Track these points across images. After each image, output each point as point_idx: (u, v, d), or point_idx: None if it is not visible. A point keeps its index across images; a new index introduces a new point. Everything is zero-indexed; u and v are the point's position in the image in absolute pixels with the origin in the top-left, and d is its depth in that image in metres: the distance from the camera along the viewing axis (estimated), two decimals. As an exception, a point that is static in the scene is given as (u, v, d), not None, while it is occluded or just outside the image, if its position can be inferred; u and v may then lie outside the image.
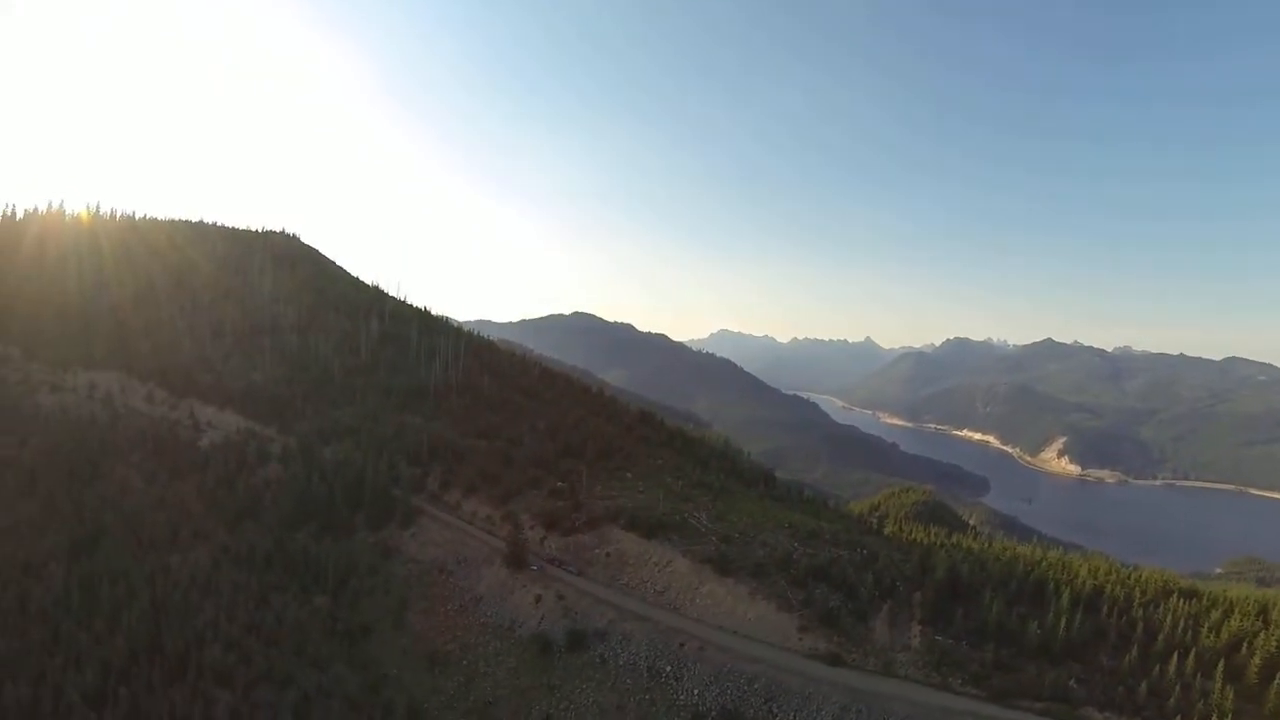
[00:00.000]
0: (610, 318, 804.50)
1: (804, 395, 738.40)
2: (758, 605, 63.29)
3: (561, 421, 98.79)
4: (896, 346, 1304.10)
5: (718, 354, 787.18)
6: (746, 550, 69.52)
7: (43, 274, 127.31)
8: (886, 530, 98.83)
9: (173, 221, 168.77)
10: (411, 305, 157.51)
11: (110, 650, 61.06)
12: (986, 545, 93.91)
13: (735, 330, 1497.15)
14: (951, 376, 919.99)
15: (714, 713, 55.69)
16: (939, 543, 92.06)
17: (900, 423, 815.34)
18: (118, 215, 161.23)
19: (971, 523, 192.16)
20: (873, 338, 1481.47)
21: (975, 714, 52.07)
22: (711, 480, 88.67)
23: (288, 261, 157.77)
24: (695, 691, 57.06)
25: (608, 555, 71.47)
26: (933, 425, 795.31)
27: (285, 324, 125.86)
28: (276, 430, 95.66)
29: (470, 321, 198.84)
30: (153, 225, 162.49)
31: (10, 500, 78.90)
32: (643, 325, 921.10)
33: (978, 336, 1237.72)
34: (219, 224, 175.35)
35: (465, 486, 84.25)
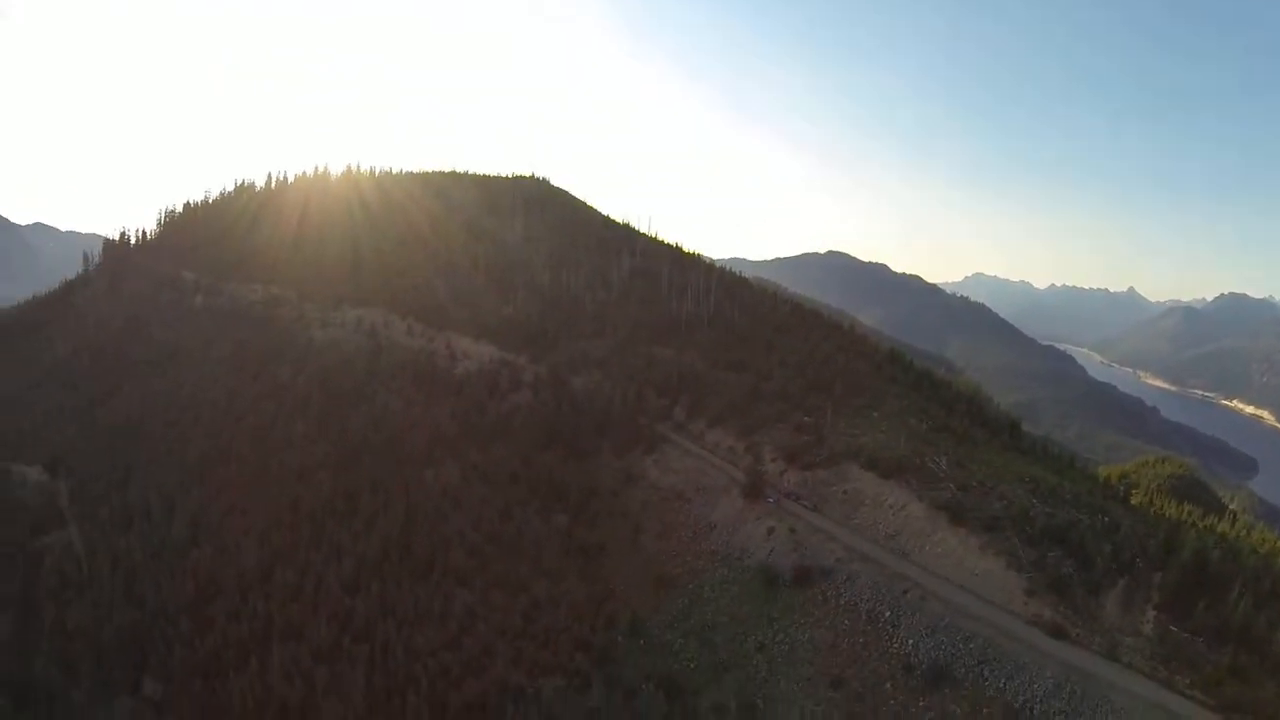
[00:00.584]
0: (865, 258, 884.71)
1: (1060, 347, 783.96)
2: (986, 560, 67.16)
3: (810, 357, 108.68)
4: (1163, 299, 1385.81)
5: (972, 298, 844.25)
6: (983, 501, 73.74)
7: (312, 226, 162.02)
8: (1134, 501, 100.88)
9: (428, 173, 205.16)
10: (663, 242, 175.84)
11: (366, 548, 78.40)
12: (1244, 534, 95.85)
13: (991, 274, 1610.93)
14: (1224, 337, 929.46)
15: (924, 666, 60.51)
16: (1190, 522, 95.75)
17: (1162, 385, 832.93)
18: (376, 171, 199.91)
19: (1232, 507, 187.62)
20: (1136, 288, 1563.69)
21: (1197, 723, 53.56)
22: (955, 425, 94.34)
23: (538, 203, 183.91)
24: (910, 642, 62.64)
25: (844, 493, 78.83)
26: (1199, 391, 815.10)
27: (537, 262, 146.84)
28: (528, 360, 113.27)
29: (724, 259, 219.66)
30: (409, 177, 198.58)
31: (288, 419, 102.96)
32: (898, 266, 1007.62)
33: (1257, 293, 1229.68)
34: (471, 173, 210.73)
35: (711, 417, 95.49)
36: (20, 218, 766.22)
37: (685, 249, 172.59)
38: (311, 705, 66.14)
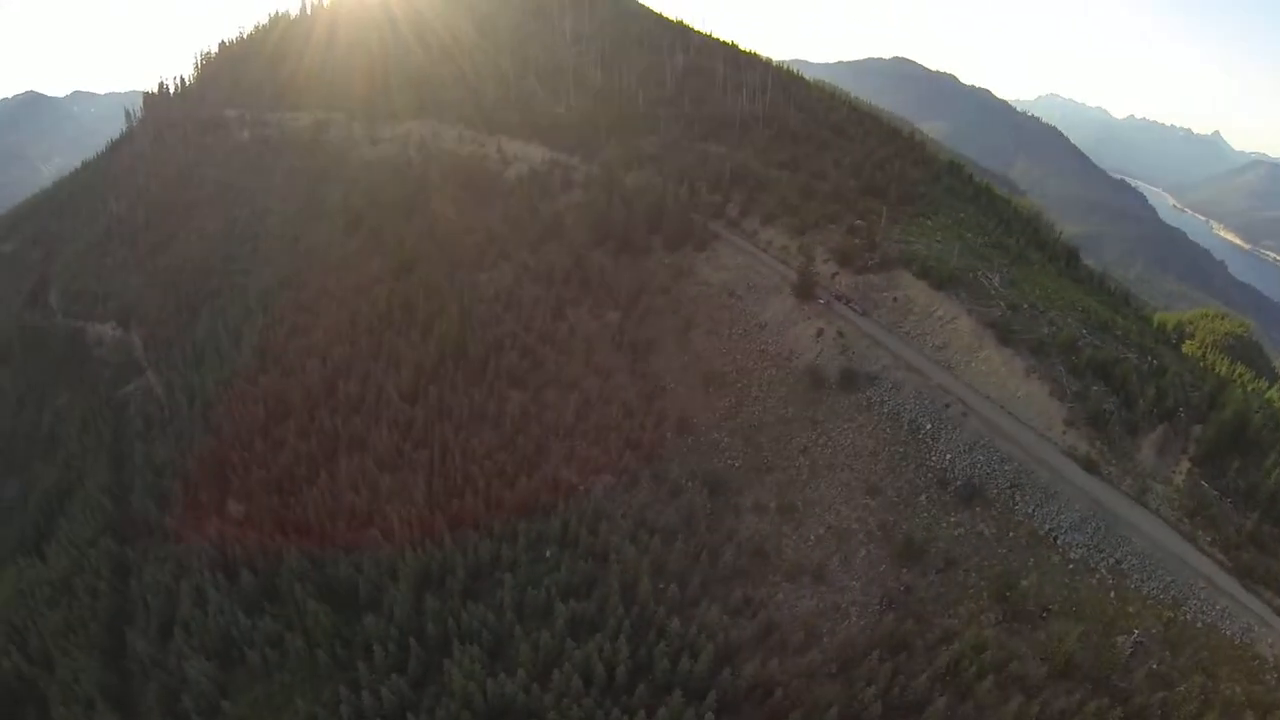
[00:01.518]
0: (934, 66, 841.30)
1: (1131, 183, 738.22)
2: (1030, 384, 67.91)
3: (866, 160, 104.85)
4: (1249, 150, 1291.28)
5: (1044, 119, 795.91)
6: (1032, 324, 73.52)
7: (354, 47, 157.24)
8: (1185, 350, 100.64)
9: None
10: (718, 40, 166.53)
11: (423, 355, 78.20)
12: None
13: (1066, 96, 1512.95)
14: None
15: (959, 482, 62.31)
16: (1239, 382, 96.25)
17: (1235, 240, 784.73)
18: None
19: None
20: (1222, 133, 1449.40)
21: (1210, 580, 54.84)
22: (1011, 244, 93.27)
23: (586, 4, 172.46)
24: (948, 456, 64.23)
25: (894, 300, 78.01)
26: (1272, 255, 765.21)
27: (587, 61, 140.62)
28: (580, 160, 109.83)
29: (784, 61, 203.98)
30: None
31: (342, 238, 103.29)
32: (966, 77, 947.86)
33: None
34: None
35: (763, 215, 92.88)
36: (57, 90, 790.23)
37: (741, 48, 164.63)
38: (377, 510, 68.35)
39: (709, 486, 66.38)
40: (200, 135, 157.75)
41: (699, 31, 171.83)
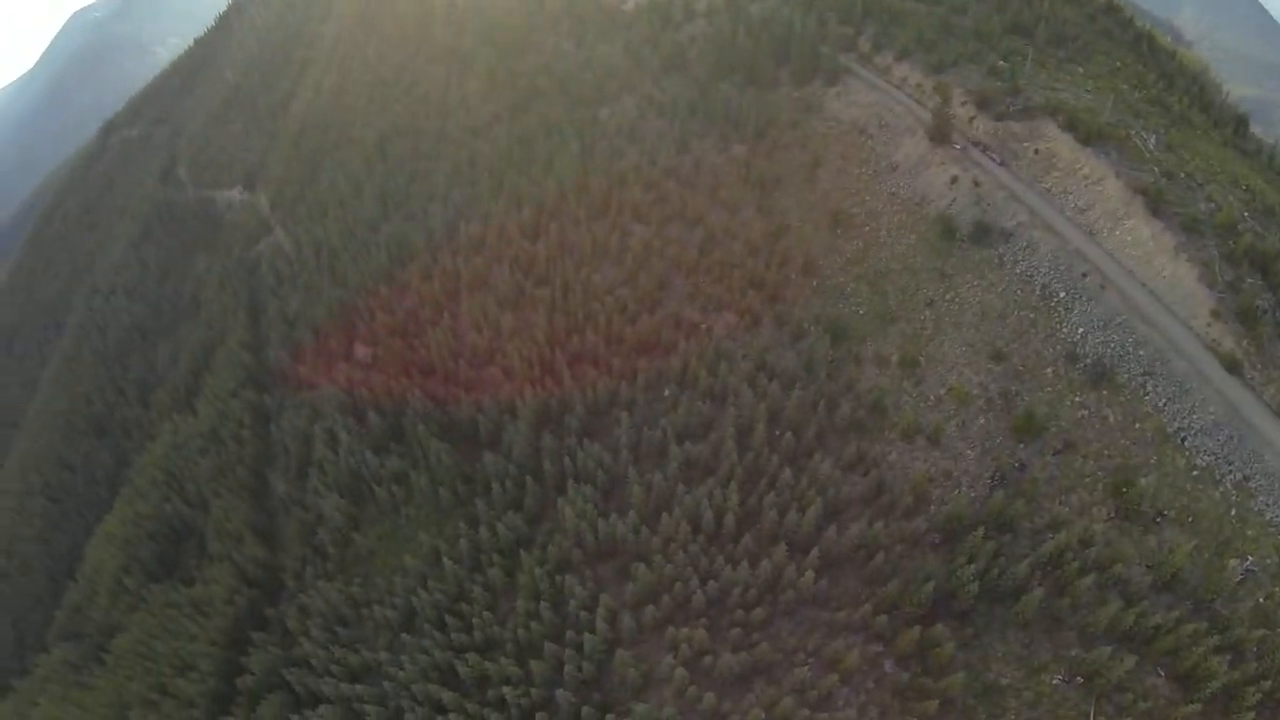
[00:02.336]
0: None
1: None
2: (1178, 265, 60.54)
3: None
4: None
5: None
6: (1187, 196, 64.83)
7: None
8: None
9: None
10: None
11: (543, 192, 76.01)
12: None
13: None
14: None
15: (1089, 360, 57.56)
16: None
17: None
18: None
19: None
20: None
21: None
22: (1172, 102, 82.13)
23: None
24: (1080, 330, 59.27)
25: (1036, 152, 70.85)
26: None
27: None
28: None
29: None
30: None
31: (458, 81, 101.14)
32: None
33: None
34: None
35: (898, 50, 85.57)
36: None
37: None
38: (499, 349, 68.60)
39: (831, 333, 63.70)
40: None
41: None
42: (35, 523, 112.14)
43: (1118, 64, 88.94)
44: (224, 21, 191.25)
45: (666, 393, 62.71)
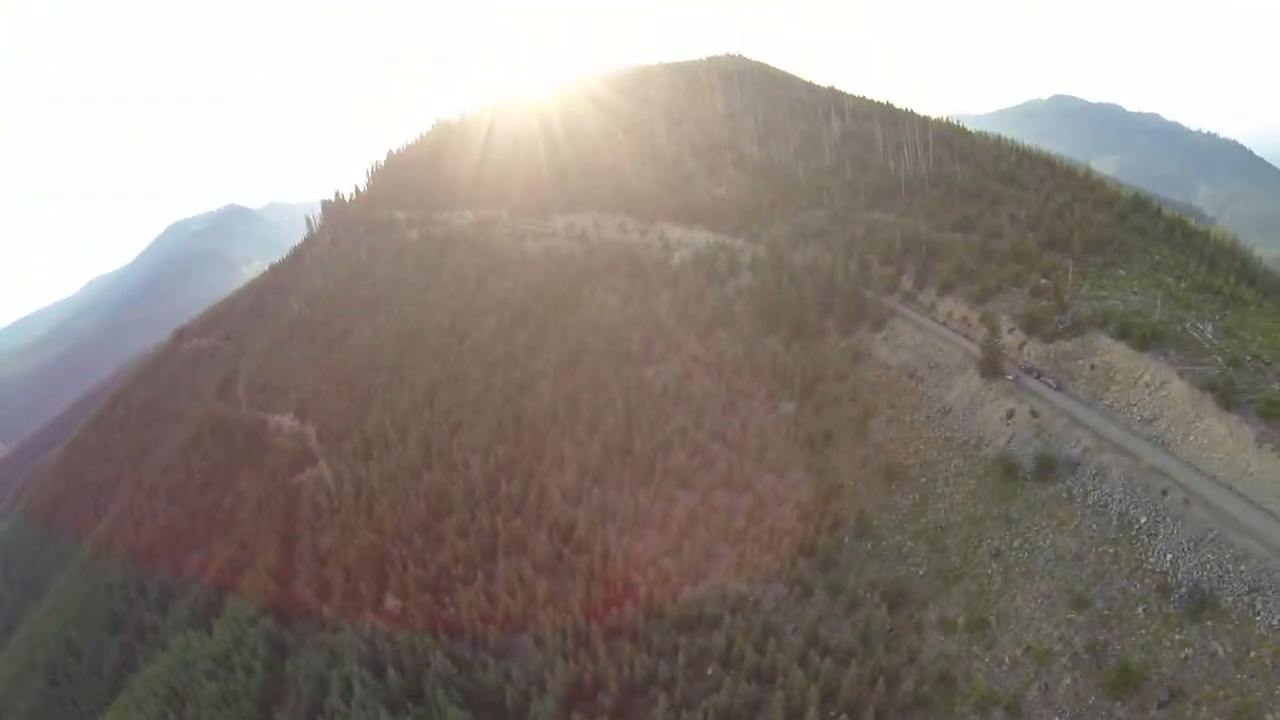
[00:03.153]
0: (1094, 97, 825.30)
1: None
2: (1265, 457, 55.11)
3: (1044, 209, 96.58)
4: None
5: (1221, 134, 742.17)
6: (1258, 380, 60.97)
7: (515, 147, 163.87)
8: None
9: (621, 71, 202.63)
10: (873, 101, 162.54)
11: (587, 454, 75.17)
12: None
13: (1244, 102, 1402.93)
14: None
15: (1184, 589, 50.96)
16: None
17: None
18: (571, 81, 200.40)
19: None
20: None
21: None
22: (1219, 284, 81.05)
23: (736, 79, 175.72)
24: (1168, 557, 53.16)
25: (1091, 368, 68.65)
26: None
27: (743, 137, 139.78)
28: (745, 240, 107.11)
29: (943, 117, 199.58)
30: (603, 80, 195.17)
31: (508, 332, 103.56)
32: (1132, 104, 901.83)
33: None
34: (663, 63, 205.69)
35: (940, 285, 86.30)
36: (256, 203, 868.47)
37: (896, 107, 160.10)
38: (531, 616, 65.91)
39: (889, 599, 60.03)
40: (372, 237, 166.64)
41: (851, 95, 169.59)
42: (29, 699, 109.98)
43: (1157, 257, 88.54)
44: (297, 254, 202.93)
45: (710, 672, 59.06)
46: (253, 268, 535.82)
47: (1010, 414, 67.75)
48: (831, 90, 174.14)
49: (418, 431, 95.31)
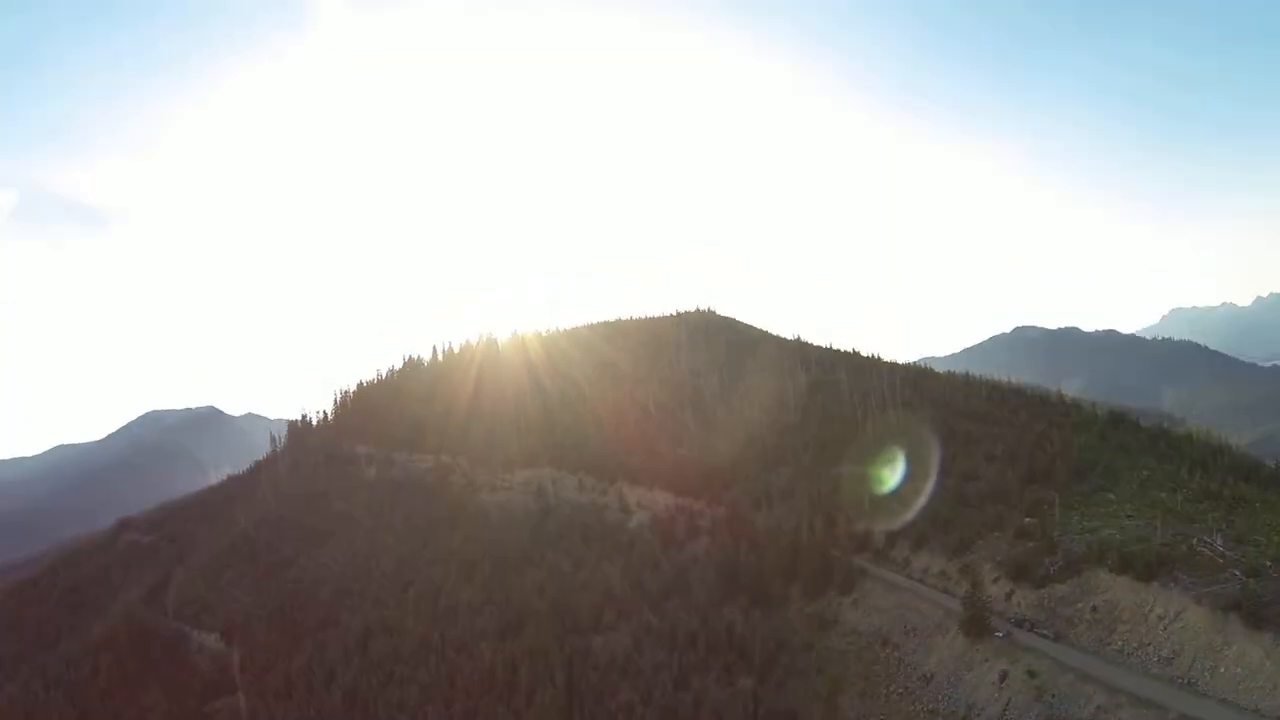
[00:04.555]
0: (1053, 324, 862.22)
1: None
2: None
3: (1020, 441, 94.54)
4: None
5: (1175, 337, 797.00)
6: None
7: (479, 394, 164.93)
8: None
9: (591, 325, 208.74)
10: (838, 350, 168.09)
11: (522, 728, 71.79)
12: None
13: (1189, 305, 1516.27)
14: None
15: None
16: None
17: None
18: (540, 333, 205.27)
19: None
20: None
21: None
22: (1219, 489, 76.00)
23: (704, 335, 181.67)
24: None
25: (1093, 610, 61.71)
26: None
27: (708, 395, 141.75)
28: (706, 503, 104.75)
29: (913, 360, 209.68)
30: (571, 334, 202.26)
31: (453, 587, 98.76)
32: (1089, 324, 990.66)
33: None
34: (633, 318, 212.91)
35: (914, 538, 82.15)
36: (235, 410, 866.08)
37: (863, 353, 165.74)
38: None
39: None
40: (330, 467, 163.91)
41: (817, 346, 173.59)
42: None
43: (1146, 473, 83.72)
44: (255, 469, 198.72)
45: None
46: (221, 473, 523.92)
47: (1003, 676, 59.99)
48: (798, 342, 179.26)
49: (346, 679, 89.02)
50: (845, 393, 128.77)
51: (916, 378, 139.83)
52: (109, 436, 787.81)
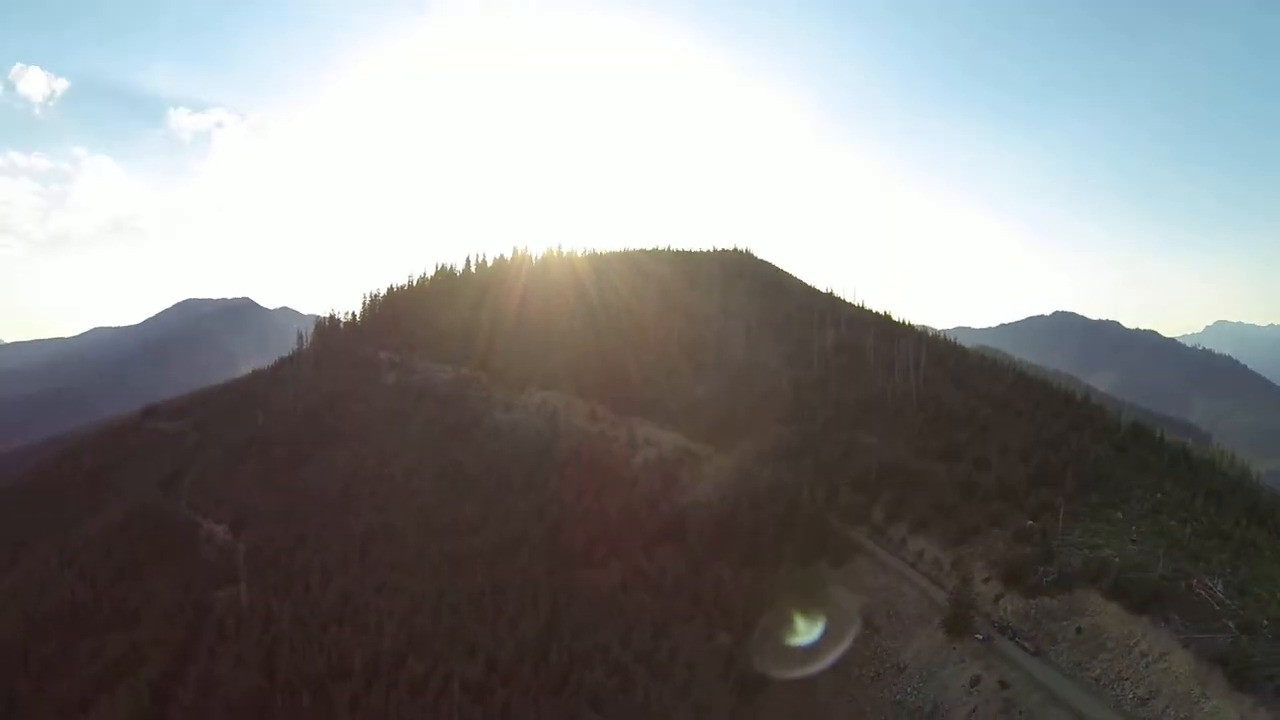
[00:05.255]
0: (1095, 315, 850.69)
1: None
2: None
3: (1036, 439, 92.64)
4: None
5: (1215, 350, 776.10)
6: (1277, 652, 52.55)
7: (507, 308, 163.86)
8: None
9: (627, 250, 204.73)
10: (870, 311, 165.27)
11: (501, 651, 70.73)
12: None
13: (1235, 320, 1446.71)
14: None
15: None
16: None
17: None
18: (575, 251, 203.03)
19: None
20: None
21: None
22: (1231, 528, 73.50)
23: (739, 275, 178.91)
24: None
25: (1078, 631, 60.71)
26: None
27: (733, 337, 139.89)
28: (714, 449, 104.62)
29: (949, 329, 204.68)
30: (607, 256, 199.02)
31: (456, 500, 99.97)
32: (1130, 321, 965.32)
33: None
34: (671, 248, 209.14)
35: (914, 520, 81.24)
36: (270, 303, 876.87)
37: (894, 318, 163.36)
38: None
39: None
40: (352, 369, 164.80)
41: (851, 304, 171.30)
42: None
43: (1159, 495, 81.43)
44: (279, 365, 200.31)
45: None
46: (250, 365, 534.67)
47: (975, 681, 60.07)
48: (830, 296, 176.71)
49: (341, 581, 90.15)
50: (870, 356, 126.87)
51: (944, 351, 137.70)
52: (145, 322, 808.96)
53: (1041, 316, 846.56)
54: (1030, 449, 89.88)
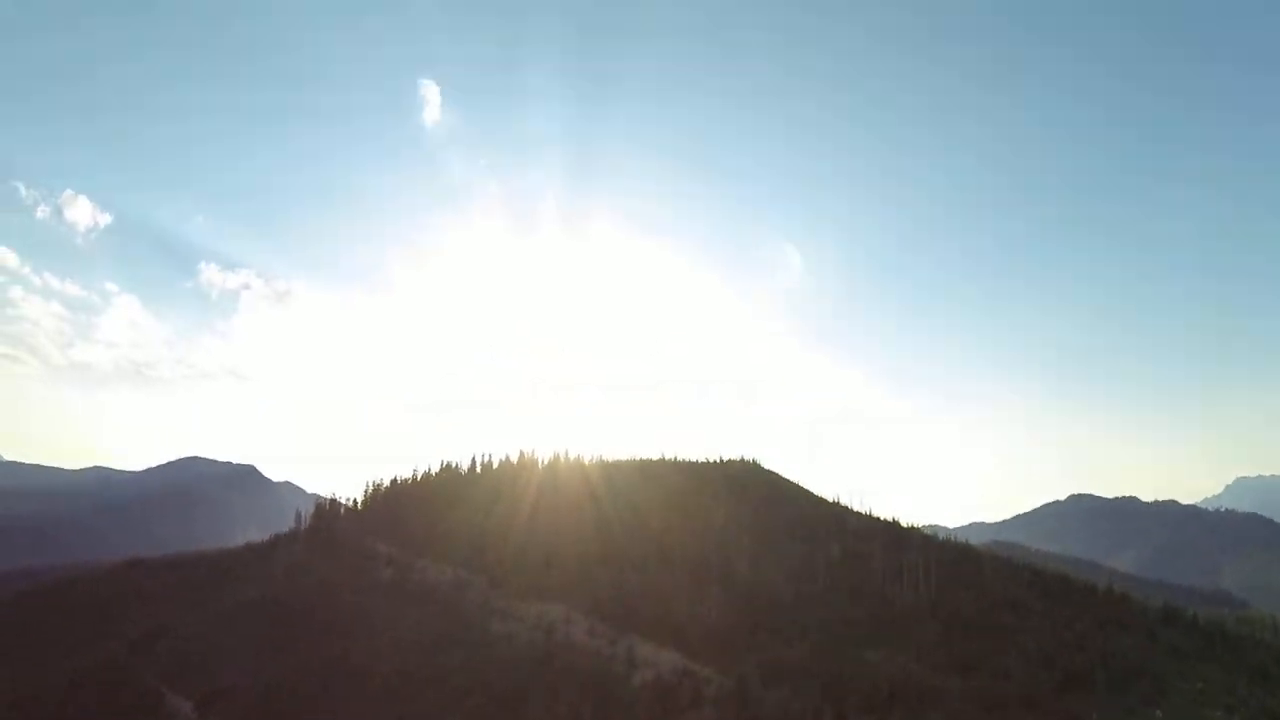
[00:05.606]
0: (1110, 493, 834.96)
1: None
2: None
3: (1059, 639, 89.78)
4: None
5: (1237, 509, 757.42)
6: None
7: (512, 512, 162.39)
8: None
9: (634, 459, 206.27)
10: (877, 518, 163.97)
11: None
12: None
13: (1254, 474, 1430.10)
14: None
15: None
16: None
17: None
18: (581, 458, 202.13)
19: None
20: None
21: None
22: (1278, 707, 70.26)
23: (743, 487, 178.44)
24: None
25: None
26: None
27: (736, 552, 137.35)
28: (715, 670, 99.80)
29: (962, 526, 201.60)
30: (614, 464, 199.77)
31: (439, 714, 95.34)
32: (1148, 493, 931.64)
33: None
34: (678, 458, 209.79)
35: None
36: (275, 475, 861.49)
37: (902, 524, 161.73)
38: None
39: None
40: (349, 558, 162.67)
41: (856, 512, 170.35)
42: None
43: (1200, 685, 77.67)
44: (275, 542, 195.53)
45: None
46: (250, 534, 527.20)
47: None
48: (835, 506, 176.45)
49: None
50: (878, 566, 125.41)
51: (955, 555, 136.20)
52: (147, 470, 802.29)
53: (1057, 502, 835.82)
54: (1053, 653, 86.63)
